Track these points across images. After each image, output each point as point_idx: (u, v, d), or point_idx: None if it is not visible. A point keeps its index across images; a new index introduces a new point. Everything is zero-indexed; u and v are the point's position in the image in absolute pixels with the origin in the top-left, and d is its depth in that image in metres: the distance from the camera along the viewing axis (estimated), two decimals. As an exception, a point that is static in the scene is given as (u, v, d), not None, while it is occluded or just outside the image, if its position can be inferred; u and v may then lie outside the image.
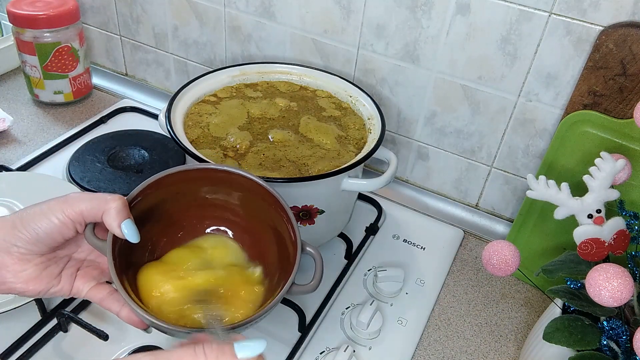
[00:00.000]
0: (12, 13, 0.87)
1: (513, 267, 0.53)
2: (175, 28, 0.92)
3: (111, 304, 0.48)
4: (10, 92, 0.99)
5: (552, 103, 0.69)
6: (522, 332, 0.68)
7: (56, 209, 0.44)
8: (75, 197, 0.45)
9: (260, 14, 0.82)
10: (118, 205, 0.45)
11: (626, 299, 0.45)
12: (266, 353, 0.62)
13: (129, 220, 0.45)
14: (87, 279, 0.49)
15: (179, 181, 0.52)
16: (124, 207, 0.45)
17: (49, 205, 0.44)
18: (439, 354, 0.64)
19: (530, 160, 0.75)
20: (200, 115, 0.69)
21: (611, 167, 0.53)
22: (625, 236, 0.55)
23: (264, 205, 0.52)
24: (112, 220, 0.44)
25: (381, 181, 0.63)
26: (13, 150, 0.87)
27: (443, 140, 0.80)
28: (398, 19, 0.73)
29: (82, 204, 0.44)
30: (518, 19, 0.66)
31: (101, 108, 0.98)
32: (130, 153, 0.85)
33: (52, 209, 0.44)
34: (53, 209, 0.44)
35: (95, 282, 0.49)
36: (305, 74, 0.78)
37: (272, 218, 0.52)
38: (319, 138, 0.67)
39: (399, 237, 0.78)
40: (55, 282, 0.47)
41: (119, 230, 0.45)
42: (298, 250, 0.48)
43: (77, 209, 0.44)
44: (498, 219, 0.82)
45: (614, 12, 0.61)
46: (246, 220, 0.55)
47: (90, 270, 0.49)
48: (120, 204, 0.45)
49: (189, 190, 0.53)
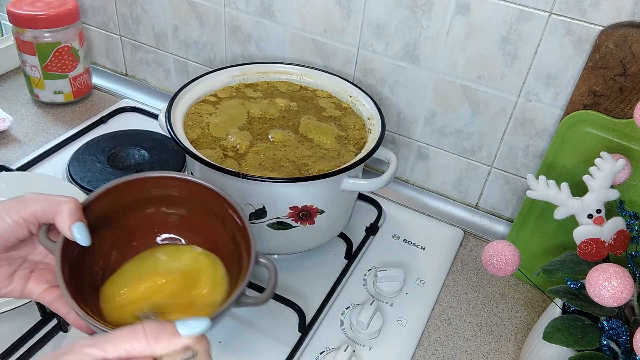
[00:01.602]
0: (12, 13, 0.87)
1: (513, 267, 0.53)
2: (175, 28, 0.92)
3: (60, 307, 0.48)
4: (10, 92, 0.99)
5: (552, 103, 0.69)
6: (522, 332, 0.68)
7: (11, 209, 0.44)
8: (30, 198, 0.45)
9: (260, 14, 0.82)
10: (71, 207, 0.44)
11: (626, 299, 0.45)
12: (266, 353, 0.62)
13: (81, 223, 0.45)
14: (41, 282, 0.48)
15: (134, 190, 0.51)
16: (76, 210, 0.45)
17: (4, 205, 0.44)
18: (439, 354, 0.64)
19: (530, 160, 0.75)
20: (200, 115, 0.69)
21: (611, 167, 0.53)
22: (625, 236, 0.55)
23: (222, 215, 0.52)
24: (63, 222, 0.44)
25: (381, 181, 0.63)
26: (13, 150, 0.87)
27: (443, 140, 0.80)
28: (398, 19, 0.73)
29: (36, 204, 0.44)
30: (518, 19, 0.66)
31: (101, 108, 0.98)
32: (130, 153, 0.85)
33: (7, 209, 0.44)
34: (8, 209, 0.44)
35: (49, 285, 0.48)
36: (305, 74, 0.78)
37: (230, 228, 0.51)
38: (319, 138, 0.67)
39: (399, 237, 0.78)
40: (7, 282, 0.47)
41: (70, 232, 0.44)
42: (251, 261, 0.47)
43: (31, 209, 0.44)
44: (498, 219, 0.82)
45: (614, 12, 0.61)
46: (203, 229, 0.54)
47: (45, 273, 0.49)
48: (73, 206, 0.44)
49: (144, 199, 0.53)
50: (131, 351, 0.34)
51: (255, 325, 0.64)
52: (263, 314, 0.65)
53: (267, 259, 0.49)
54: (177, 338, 0.35)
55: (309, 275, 0.71)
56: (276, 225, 0.63)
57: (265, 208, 0.61)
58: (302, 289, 0.69)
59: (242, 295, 0.45)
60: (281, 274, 0.70)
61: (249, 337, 0.63)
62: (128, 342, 0.34)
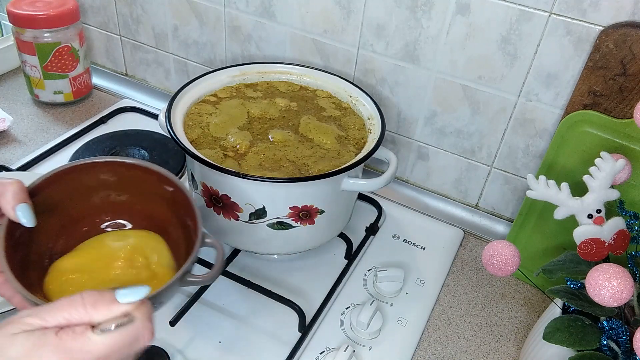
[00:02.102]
0: (12, 13, 0.87)
1: (513, 267, 0.53)
2: (175, 28, 0.92)
3: (5, 290, 0.47)
4: (10, 92, 0.99)
5: (552, 103, 0.69)
6: (522, 332, 0.68)
7: None
8: None
9: (260, 14, 0.82)
10: (15, 188, 0.44)
11: (626, 299, 0.45)
12: (266, 353, 0.62)
13: (25, 205, 0.44)
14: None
15: (81, 175, 0.52)
16: (20, 191, 0.45)
17: None
18: (439, 354, 0.64)
19: (530, 160, 0.75)
20: (200, 115, 0.69)
21: (611, 167, 0.53)
22: (625, 236, 0.55)
23: (168, 198, 0.53)
24: (7, 203, 0.44)
25: (381, 181, 0.63)
26: (13, 150, 0.87)
27: (443, 140, 0.80)
28: (398, 19, 0.73)
29: None
30: (518, 19, 0.66)
31: (101, 108, 0.98)
32: (130, 153, 0.85)
33: None
34: None
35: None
36: (305, 74, 0.78)
37: (179, 211, 0.52)
38: (319, 138, 0.67)
39: (399, 237, 0.78)
40: None
41: (13, 213, 0.44)
42: (198, 240, 0.48)
43: None
44: (498, 219, 0.82)
45: (614, 12, 0.61)
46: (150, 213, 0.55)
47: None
48: (17, 187, 0.44)
49: (91, 185, 0.53)
50: (70, 319, 0.35)
51: (255, 325, 0.64)
52: (263, 314, 0.65)
53: (214, 239, 0.50)
54: (115, 305, 0.35)
55: (309, 275, 0.71)
56: (276, 225, 0.63)
57: (265, 208, 0.61)
58: (302, 289, 0.69)
59: (186, 274, 0.46)
60: (281, 274, 0.70)
61: (249, 337, 0.63)
62: (66, 311, 0.35)
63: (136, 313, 0.36)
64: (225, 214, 0.64)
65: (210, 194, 0.63)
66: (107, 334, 0.34)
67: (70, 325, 0.35)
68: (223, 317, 0.65)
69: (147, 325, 0.36)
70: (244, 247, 0.68)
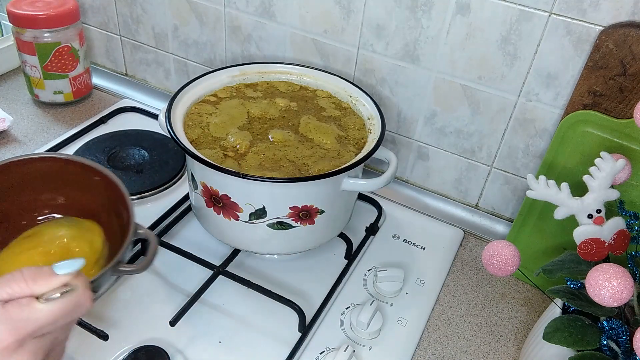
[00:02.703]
0: (12, 13, 0.87)
1: (513, 267, 0.53)
2: (175, 28, 0.92)
3: None
4: (10, 92, 0.99)
5: (552, 103, 0.69)
6: (522, 332, 0.68)
7: None
8: None
9: (260, 14, 0.82)
10: None
11: (626, 299, 0.45)
12: (266, 353, 0.62)
13: None
14: None
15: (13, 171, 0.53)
16: None
17: None
18: (439, 354, 0.64)
19: (530, 160, 0.75)
20: (200, 115, 0.69)
21: (611, 167, 0.53)
22: (625, 236, 0.55)
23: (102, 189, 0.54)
24: None
25: (381, 181, 0.63)
26: (13, 150, 0.87)
27: (443, 140, 0.80)
28: (398, 19, 0.73)
29: None
30: (518, 19, 0.66)
31: (101, 108, 0.98)
32: (130, 153, 0.85)
33: None
34: None
35: None
36: (305, 74, 0.78)
37: (114, 201, 0.53)
38: (319, 138, 0.67)
39: (399, 237, 0.78)
40: None
41: None
42: (130, 231, 0.49)
43: None
44: (498, 219, 0.82)
45: (614, 12, 0.61)
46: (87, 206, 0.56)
47: None
48: None
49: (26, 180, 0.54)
50: (12, 294, 0.36)
51: (255, 325, 0.64)
52: (263, 314, 0.65)
53: (146, 230, 0.51)
54: (54, 277, 0.37)
55: (309, 275, 0.71)
56: (276, 225, 0.63)
57: (265, 208, 0.61)
58: (302, 289, 0.69)
59: (119, 264, 0.47)
60: (281, 274, 0.70)
61: (249, 337, 0.63)
62: (8, 286, 0.36)
63: (76, 282, 0.37)
64: (225, 214, 0.64)
65: (210, 194, 0.63)
66: (52, 302, 0.36)
67: (13, 298, 0.36)
68: (223, 317, 0.65)
69: (87, 293, 0.38)
70: (244, 247, 0.68)
